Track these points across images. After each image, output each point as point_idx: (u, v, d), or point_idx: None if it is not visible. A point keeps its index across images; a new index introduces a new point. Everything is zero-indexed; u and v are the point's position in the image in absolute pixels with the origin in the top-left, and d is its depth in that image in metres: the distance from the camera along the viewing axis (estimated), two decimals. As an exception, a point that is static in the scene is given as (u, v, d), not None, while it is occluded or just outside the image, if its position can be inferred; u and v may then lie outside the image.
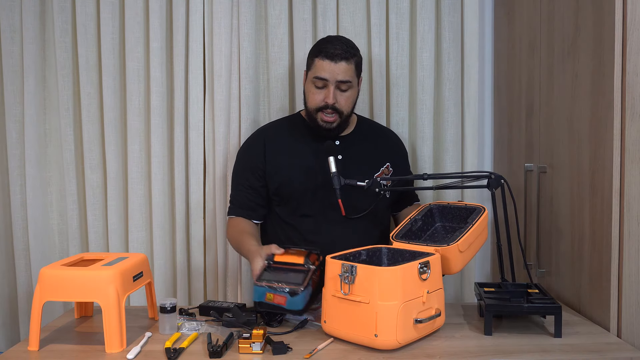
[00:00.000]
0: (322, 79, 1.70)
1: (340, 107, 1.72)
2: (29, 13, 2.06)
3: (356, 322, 1.30)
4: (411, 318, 1.29)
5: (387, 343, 1.27)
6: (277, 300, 1.41)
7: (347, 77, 1.71)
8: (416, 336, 1.32)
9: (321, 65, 1.70)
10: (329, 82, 1.70)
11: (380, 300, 1.26)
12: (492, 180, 1.58)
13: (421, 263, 1.33)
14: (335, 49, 1.70)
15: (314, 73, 1.72)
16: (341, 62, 1.69)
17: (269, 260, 1.49)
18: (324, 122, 1.74)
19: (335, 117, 1.73)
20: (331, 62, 1.69)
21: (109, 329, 1.29)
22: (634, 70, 1.36)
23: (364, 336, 1.29)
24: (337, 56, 1.69)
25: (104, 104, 2.10)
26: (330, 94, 1.70)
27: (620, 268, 1.40)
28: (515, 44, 2.02)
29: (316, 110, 1.74)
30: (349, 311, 1.31)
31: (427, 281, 1.34)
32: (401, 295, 1.27)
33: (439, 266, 1.40)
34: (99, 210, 2.13)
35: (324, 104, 1.71)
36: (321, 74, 1.70)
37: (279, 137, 1.84)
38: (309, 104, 1.76)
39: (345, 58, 1.70)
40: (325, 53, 1.70)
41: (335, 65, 1.69)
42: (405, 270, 1.28)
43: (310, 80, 1.74)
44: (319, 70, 1.70)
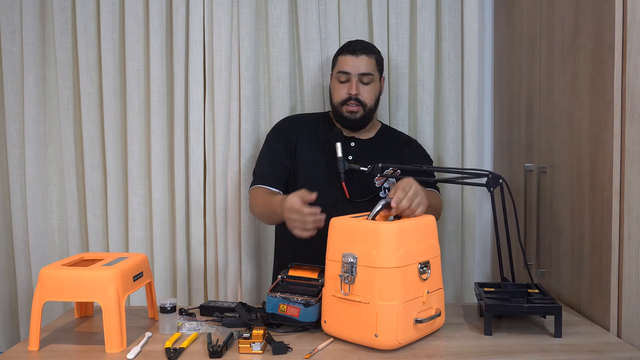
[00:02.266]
0: (345, 73, 1.79)
1: (364, 99, 1.80)
2: (29, 13, 2.06)
3: (356, 322, 1.30)
4: (411, 318, 1.29)
5: (387, 343, 1.27)
6: (290, 312, 1.42)
7: (369, 69, 1.80)
8: (416, 336, 1.32)
9: (344, 60, 1.81)
10: (351, 75, 1.79)
11: (380, 300, 1.26)
12: (490, 180, 1.58)
13: (421, 263, 1.33)
14: (356, 44, 1.82)
15: (338, 69, 1.82)
16: (362, 56, 1.80)
17: (283, 275, 1.51)
18: (348, 113, 1.80)
19: (359, 108, 1.81)
20: (352, 55, 1.80)
21: (109, 329, 1.29)
22: (634, 70, 1.36)
23: (364, 336, 1.29)
24: (357, 50, 1.80)
25: (104, 104, 2.10)
26: (353, 86, 1.79)
27: (620, 268, 1.40)
28: (515, 44, 2.02)
29: (341, 104, 1.81)
30: (349, 311, 1.31)
31: (427, 281, 1.34)
32: (401, 295, 1.27)
33: (438, 266, 1.40)
34: (99, 210, 2.13)
35: (347, 96, 1.79)
36: (344, 68, 1.80)
37: (308, 128, 1.89)
38: (334, 99, 1.84)
39: (366, 52, 1.81)
40: (347, 49, 1.82)
41: (356, 58, 1.79)
42: (405, 270, 1.28)
43: (335, 77, 1.84)
44: (342, 65, 1.81)
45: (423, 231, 1.37)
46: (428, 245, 1.37)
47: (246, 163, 2.09)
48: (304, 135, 1.87)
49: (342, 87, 1.81)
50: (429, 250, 1.37)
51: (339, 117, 1.83)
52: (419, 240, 1.34)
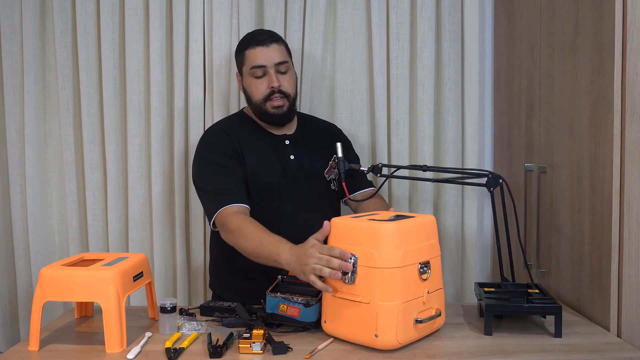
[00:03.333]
0: (261, 66, 1.69)
1: (286, 89, 1.70)
2: (29, 13, 2.06)
3: (356, 322, 1.30)
4: (411, 318, 1.29)
5: (387, 343, 1.27)
6: (290, 312, 1.41)
7: (283, 57, 1.71)
8: (416, 336, 1.32)
9: (254, 54, 1.69)
10: (267, 67, 1.69)
11: (380, 301, 1.26)
12: (490, 180, 1.58)
13: (421, 263, 1.33)
14: (261, 35, 1.72)
15: (250, 64, 1.70)
16: (273, 45, 1.70)
17: (282, 276, 1.50)
18: (274, 109, 1.70)
19: (284, 100, 1.71)
20: (263, 47, 1.69)
21: (109, 329, 1.29)
22: (634, 70, 1.36)
23: (364, 336, 1.29)
24: (266, 40, 1.70)
25: (104, 104, 2.10)
26: (273, 78, 1.68)
27: (620, 268, 1.40)
28: (515, 44, 2.02)
29: (264, 100, 1.70)
30: (349, 311, 1.31)
31: (428, 281, 1.34)
32: (401, 295, 1.27)
33: (439, 266, 1.40)
34: (99, 210, 2.13)
35: (270, 90, 1.69)
36: (257, 62, 1.68)
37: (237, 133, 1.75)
38: (254, 97, 1.72)
39: (275, 40, 1.71)
40: (254, 42, 1.70)
41: (267, 49, 1.69)
42: (405, 271, 1.28)
43: (247, 74, 1.72)
44: (254, 59, 1.69)
45: (423, 231, 1.37)
46: (428, 245, 1.37)
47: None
48: (248, 141, 1.73)
49: (260, 82, 1.69)
50: (429, 251, 1.37)
51: (264, 115, 1.72)
52: (419, 240, 1.34)
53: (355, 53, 2.12)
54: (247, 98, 1.77)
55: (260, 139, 1.77)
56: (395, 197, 2.14)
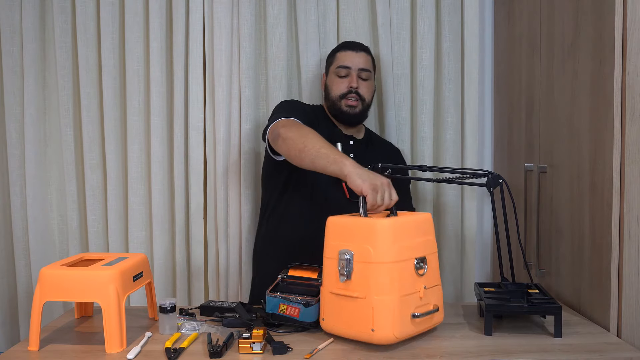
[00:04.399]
0: (346, 67, 1.83)
1: (363, 93, 1.85)
2: (29, 13, 2.06)
3: (353, 319, 1.30)
4: (408, 313, 1.29)
5: (384, 337, 1.27)
6: (290, 312, 1.41)
7: (367, 66, 1.86)
8: (414, 331, 1.32)
9: (344, 56, 1.85)
10: (351, 70, 1.83)
11: (376, 295, 1.26)
12: (490, 180, 1.58)
13: (417, 259, 1.33)
14: (355, 43, 1.89)
15: (337, 64, 1.85)
16: (361, 52, 1.86)
17: (283, 275, 1.51)
18: (348, 107, 1.83)
19: (358, 102, 1.83)
20: (352, 51, 1.85)
21: (109, 329, 1.29)
22: (634, 70, 1.36)
23: (361, 332, 1.29)
24: (357, 47, 1.86)
25: (104, 104, 2.10)
26: (354, 79, 1.82)
27: (620, 268, 1.40)
28: (515, 44, 2.02)
29: (340, 98, 1.83)
30: (346, 308, 1.31)
31: (424, 277, 1.34)
32: (397, 289, 1.27)
33: (436, 263, 1.40)
34: (99, 210, 2.13)
35: (348, 89, 1.82)
36: (344, 63, 1.84)
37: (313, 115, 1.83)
38: (333, 92, 1.85)
39: (364, 50, 1.88)
40: (346, 46, 1.87)
41: (356, 54, 1.85)
42: (401, 266, 1.29)
43: (333, 72, 1.86)
44: (342, 60, 1.85)
45: (420, 227, 1.37)
46: (425, 241, 1.37)
47: (246, 163, 2.09)
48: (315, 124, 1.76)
49: (342, 81, 1.83)
50: (426, 247, 1.37)
51: (337, 111, 1.84)
52: (415, 236, 1.35)
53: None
54: (325, 94, 1.90)
55: (328, 129, 1.85)
56: (395, 197, 2.14)
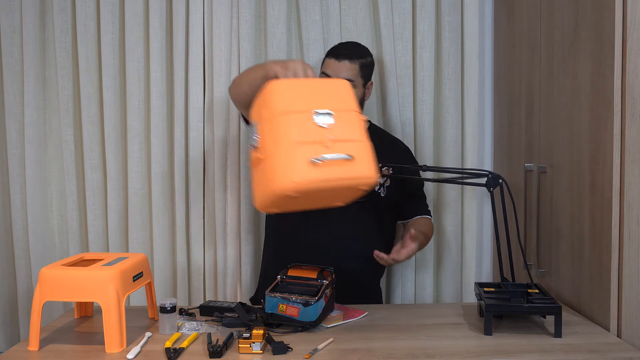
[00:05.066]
0: (327, 75, 1.78)
1: None
2: (29, 13, 2.06)
3: (263, 182, 1.27)
4: (306, 159, 1.21)
5: (283, 185, 1.20)
6: (290, 312, 1.41)
7: (349, 75, 1.76)
8: (318, 178, 1.22)
9: (327, 63, 1.80)
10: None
11: (272, 149, 1.23)
12: (490, 180, 1.58)
13: (318, 111, 1.27)
14: (343, 48, 1.80)
15: (322, 69, 1.82)
16: (344, 61, 1.77)
17: (282, 275, 1.51)
18: None
19: None
20: (335, 60, 1.78)
21: (109, 329, 1.29)
22: (634, 70, 1.36)
23: (267, 190, 1.25)
24: (341, 55, 1.78)
25: (104, 104, 2.10)
26: None
27: (620, 268, 1.40)
28: (515, 44, 2.02)
29: None
30: (258, 175, 1.30)
31: (335, 131, 1.27)
32: (290, 139, 1.22)
33: (353, 120, 1.32)
34: (99, 210, 2.13)
35: None
36: (326, 71, 1.79)
37: None
38: None
39: (348, 58, 1.77)
40: (332, 52, 1.81)
41: (338, 63, 1.77)
42: (295, 118, 1.25)
43: (319, 77, 1.81)
44: (325, 67, 1.80)
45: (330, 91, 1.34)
46: (335, 100, 1.32)
47: (245, 164, 2.09)
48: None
49: None
50: (335, 103, 1.31)
51: None
52: (319, 95, 1.31)
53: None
54: None
55: None
56: (395, 197, 2.14)
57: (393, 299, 2.15)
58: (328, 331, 1.44)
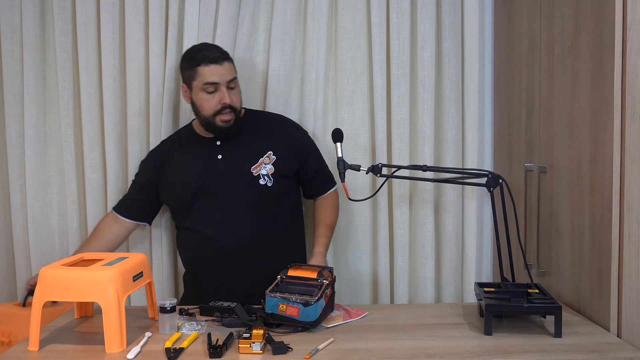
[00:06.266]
0: (214, 83, 1.75)
1: (234, 104, 1.78)
2: (29, 13, 2.06)
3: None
4: None
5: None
6: (290, 312, 1.41)
7: (233, 75, 1.78)
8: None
9: (208, 71, 1.74)
10: (220, 85, 1.75)
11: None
12: (490, 180, 1.58)
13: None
14: (213, 52, 1.77)
15: (202, 80, 1.75)
16: (225, 63, 1.77)
17: (282, 275, 1.51)
18: (224, 123, 1.78)
19: (232, 115, 1.78)
20: (217, 65, 1.75)
21: (109, 329, 1.29)
22: (634, 70, 1.36)
23: None
24: (219, 58, 1.76)
25: (104, 104, 2.10)
26: (225, 95, 1.75)
27: (620, 268, 1.40)
28: (515, 44, 2.02)
29: (214, 115, 1.77)
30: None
31: None
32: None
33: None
34: (99, 210, 2.13)
35: (221, 105, 1.76)
36: (211, 79, 1.74)
37: (173, 153, 1.91)
38: (204, 111, 1.78)
39: (226, 58, 1.78)
40: (207, 59, 1.75)
41: (221, 67, 1.75)
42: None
43: (200, 88, 1.76)
44: (208, 76, 1.74)
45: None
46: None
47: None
48: (174, 161, 1.89)
49: (212, 97, 1.75)
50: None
51: (212, 127, 1.80)
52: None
53: (357, 53, 2.12)
54: (195, 111, 1.83)
55: (202, 148, 1.86)
56: (395, 197, 2.14)
57: (393, 299, 2.15)
58: (328, 331, 1.44)
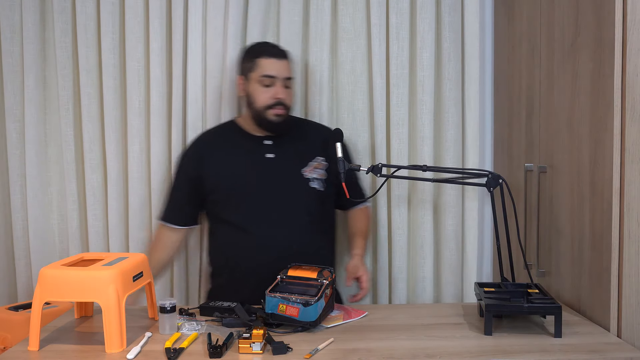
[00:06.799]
0: (270, 77, 1.76)
1: (288, 102, 1.80)
2: (29, 13, 2.06)
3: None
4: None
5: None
6: (290, 312, 1.41)
7: (290, 74, 1.81)
8: None
9: (267, 64, 1.77)
10: (276, 79, 1.76)
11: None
12: (490, 180, 1.58)
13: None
14: (276, 48, 1.81)
15: (261, 72, 1.77)
16: (284, 60, 1.80)
17: (282, 275, 1.50)
18: (275, 117, 1.78)
19: (285, 111, 1.79)
20: (277, 59, 1.77)
21: (109, 329, 1.29)
22: (634, 70, 1.36)
23: None
24: (280, 54, 1.79)
25: (104, 104, 2.10)
26: (280, 91, 1.77)
27: (620, 268, 1.40)
28: (515, 44, 2.02)
29: (265, 108, 1.77)
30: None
31: None
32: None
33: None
34: (99, 210, 2.13)
35: (274, 100, 1.76)
36: (269, 72, 1.76)
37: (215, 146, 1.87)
38: (258, 103, 1.78)
39: (286, 57, 1.81)
40: (268, 52, 1.78)
41: (280, 62, 1.78)
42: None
43: (256, 80, 1.78)
44: (266, 68, 1.76)
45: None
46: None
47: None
48: (215, 154, 1.84)
49: (266, 91, 1.76)
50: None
51: (263, 121, 1.79)
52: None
53: (357, 53, 2.12)
54: (248, 102, 1.82)
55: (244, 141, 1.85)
56: (395, 197, 2.14)
57: (393, 299, 2.16)
58: (328, 331, 1.44)
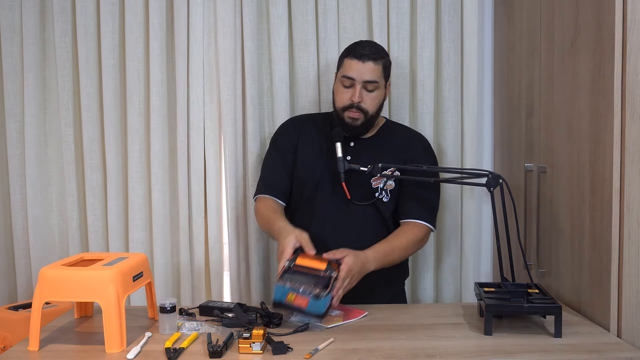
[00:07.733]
0: (350, 78, 1.75)
1: (366, 106, 1.76)
2: (29, 13, 2.06)
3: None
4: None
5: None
6: (298, 302, 1.41)
7: (374, 77, 1.75)
8: None
9: (349, 65, 1.75)
10: (355, 82, 1.74)
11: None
12: (490, 180, 1.58)
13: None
14: (364, 49, 1.76)
15: (342, 72, 1.77)
16: (368, 62, 1.74)
17: (291, 263, 1.50)
18: (350, 119, 1.77)
19: (360, 115, 1.77)
20: (359, 61, 1.74)
21: (109, 329, 1.29)
22: (634, 70, 1.36)
23: None
24: (364, 56, 1.74)
25: (104, 104, 2.10)
26: (356, 93, 1.74)
27: (620, 268, 1.40)
28: (515, 44, 2.02)
29: (342, 110, 1.78)
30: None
31: None
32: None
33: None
34: (99, 210, 2.13)
35: (349, 102, 1.75)
36: (349, 73, 1.75)
37: (310, 129, 1.89)
38: (336, 103, 1.80)
39: (372, 59, 1.74)
40: (354, 53, 1.75)
41: (362, 64, 1.73)
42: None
43: (339, 79, 1.79)
44: (347, 69, 1.75)
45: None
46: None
47: (254, 163, 2.08)
48: (306, 137, 1.87)
49: (345, 92, 1.76)
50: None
51: (340, 121, 1.79)
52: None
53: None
54: (332, 99, 1.84)
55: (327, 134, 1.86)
56: (395, 197, 2.14)
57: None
58: (328, 331, 1.44)
